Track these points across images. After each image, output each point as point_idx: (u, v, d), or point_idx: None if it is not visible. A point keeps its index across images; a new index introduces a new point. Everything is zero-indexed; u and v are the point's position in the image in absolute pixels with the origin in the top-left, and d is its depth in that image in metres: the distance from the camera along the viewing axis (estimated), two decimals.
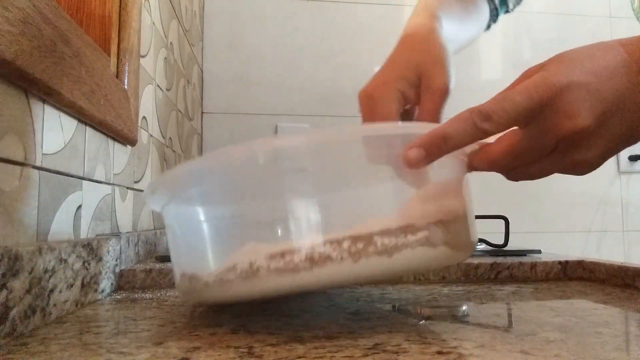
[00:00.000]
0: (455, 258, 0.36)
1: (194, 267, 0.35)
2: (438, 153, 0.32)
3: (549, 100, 0.32)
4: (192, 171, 0.34)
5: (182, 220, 0.37)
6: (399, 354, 0.28)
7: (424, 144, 0.32)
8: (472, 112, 0.33)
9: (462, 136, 0.32)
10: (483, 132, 0.32)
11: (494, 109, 0.32)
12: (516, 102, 0.32)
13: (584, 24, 1.61)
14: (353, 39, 1.49)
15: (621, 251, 1.56)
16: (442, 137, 0.32)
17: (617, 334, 0.34)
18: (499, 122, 0.32)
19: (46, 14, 0.41)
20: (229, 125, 1.41)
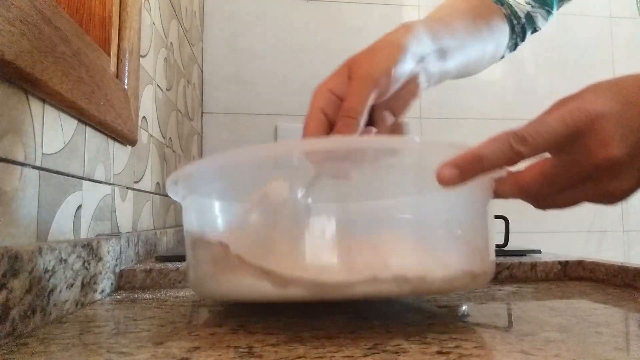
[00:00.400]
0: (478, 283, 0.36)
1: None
2: (473, 173, 0.32)
3: (584, 128, 0.32)
4: (213, 167, 0.35)
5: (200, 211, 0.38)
6: (399, 354, 0.28)
7: (459, 163, 0.32)
8: (507, 134, 0.32)
9: (498, 157, 0.32)
10: (518, 155, 0.32)
11: (529, 132, 0.32)
12: (552, 127, 0.32)
13: (584, 24, 1.61)
14: (353, 39, 1.49)
15: (621, 251, 1.56)
16: (478, 157, 0.32)
17: (617, 334, 0.34)
18: (534, 146, 0.32)
19: (46, 14, 0.41)
20: (229, 125, 1.41)
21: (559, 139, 0.32)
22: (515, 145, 0.32)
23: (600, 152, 0.32)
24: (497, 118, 1.52)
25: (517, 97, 1.55)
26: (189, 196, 0.39)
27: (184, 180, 0.38)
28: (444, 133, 1.48)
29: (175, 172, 0.37)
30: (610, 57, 1.62)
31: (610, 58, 1.61)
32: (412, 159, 0.35)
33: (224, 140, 1.40)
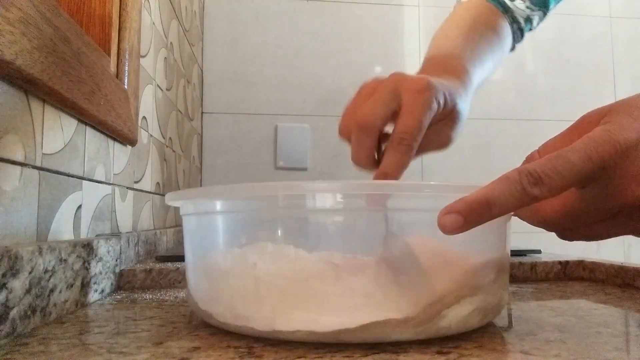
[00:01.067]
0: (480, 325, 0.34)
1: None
2: (479, 220, 0.28)
3: (612, 162, 0.28)
4: (219, 196, 0.34)
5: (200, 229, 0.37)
6: (399, 354, 0.28)
7: (463, 210, 0.28)
8: (520, 173, 0.28)
9: (508, 202, 0.28)
10: (532, 198, 0.28)
11: (546, 170, 0.28)
12: (572, 164, 0.28)
13: (584, 24, 1.61)
14: (353, 39, 1.49)
15: (621, 251, 1.56)
16: (485, 203, 0.28)
17: (617, 334, 0.34)
18: (551, 187, 0.27)
19: (46, 14, 0.41)
20: (229, 125, 1.41)
21: (581, 177, 0.28)
22: (528, 188, 0.28)
23: (632, 188, 0.29)
24: (497, 118, 1.52)
25: (517, 97, 1.55)
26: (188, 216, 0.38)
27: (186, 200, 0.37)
28: None
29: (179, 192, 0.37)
30: (610, 57, 1.61)
31: (610, 58, 1.61)
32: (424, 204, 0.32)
33: (223, 140, 1.40)
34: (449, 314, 0.30)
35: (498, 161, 1.50)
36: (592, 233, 0.32)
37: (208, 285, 0.35)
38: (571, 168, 0.28)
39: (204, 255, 0.36)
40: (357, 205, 0.32)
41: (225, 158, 1.40)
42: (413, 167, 0.41)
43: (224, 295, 0.33)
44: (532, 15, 0.62)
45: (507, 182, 0.28)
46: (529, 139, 1.51)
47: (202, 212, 0.36)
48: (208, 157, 1.40)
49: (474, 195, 0.28)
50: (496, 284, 0.34)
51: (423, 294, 0.30)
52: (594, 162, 0.28)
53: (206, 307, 0.34)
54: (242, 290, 0.32)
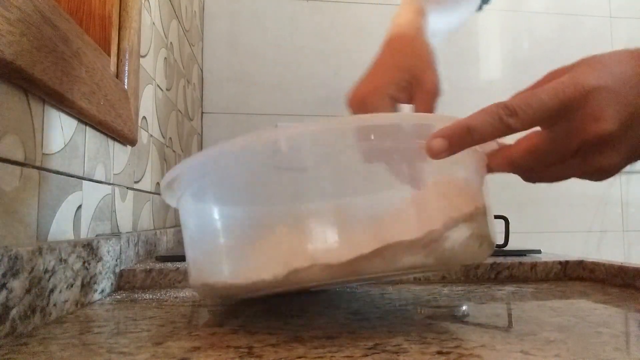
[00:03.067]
0: (481, 255, 0.36)
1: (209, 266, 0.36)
2: (462, 145, 0.32)
3: (576, 102, 0.32)
4: (206, 161, 0.35)
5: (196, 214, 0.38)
6: (399, 354, 0.28)
7: (448, 134, 0.31)
8: (498, 106, 0.32)
9: (487, 129, 0.32)
10: (508, 127, 0.32)
11: (520, 105, 0.32)
12: (543, 101, 0.32)
13: (584, 24, 1.61)
14: (353, 39, 1.49)
15: (621, 251, 1.56)
16: (466, 129, 0.32)
17: (617, 334, 0.34)
18: (524, 119, 0.32)
19: (46, 14, 0.41)
20: (229, 125, 1.41)
21: (550, 113, 0.32)
22: (505, 118, 0.31)
23: (592, 126, 0.32)
24: None
25: None
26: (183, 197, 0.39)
27: (177, 181, 0.38)
28: None
29: (167, 174, 0.37)
30: None
31: None
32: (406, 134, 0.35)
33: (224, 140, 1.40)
34: (451, 236, 0.32)
35: None
36: (553, 174, 0.36)
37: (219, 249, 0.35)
38: (542, 104, 0.32)
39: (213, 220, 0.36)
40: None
41: None
42: None
43: (232, 253, 0.34)
44: None
45: (486, 113, 0.32)
46: None
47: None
48: None
49: (457, 123, 0.32)
50: (484, 216, 0.37)
51: (426, 218, 0.33)
52: (560, 100, 0.32)
53: (214, 276, 0.34)
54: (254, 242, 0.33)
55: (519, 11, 1.58)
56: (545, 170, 0.35)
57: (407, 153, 0.34)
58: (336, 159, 0.34)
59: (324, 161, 0.34)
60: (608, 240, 1.57)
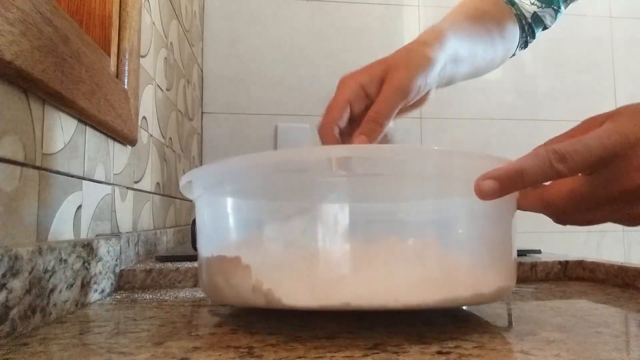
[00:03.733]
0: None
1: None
2: (512, 187, 0.32)
3: (622, 151, 0.32)
4: (228, 170, 0.35)
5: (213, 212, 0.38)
6: (399, 354, 0.28)
7: (499, 176, 0.31)
8: (548, 150, 0.32)
9: (538, 173, 0.32)
10: (557, 173, 0.32)
11: (569, 151, 0.32)
12: (590, 147, 0.32)
13: (584, 24, 1.61)
14: (353, 39, 1.49)
15: (621, 251, 1.56)
16: (519, 172, 0.32)
17: (617, 334, 0.34)
18: (572, 165, 0.32)
19: (46, 14, 0.41)
20: (229, 125, 1.41)
21: (596, 160, 0.32)
22: (555, 163, 0.32)
23: (634, 177, 0.32)
24: (497, 118, 1.52)
25: (517, 97, 1.55)
26: (204, 195, 0.38)
27: (201, 179, 0.38)
28: (444, 133, 1.48)
29: (192, 171, 0.37)
30: (610, 57, 1.62)
31: (610, 58, 1.61)
32: (432, 168, 0.35)
33: (224, 140, 1.40)
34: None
35: None
36: (589, 218, 0.36)
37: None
38: (590, 151, 0.32)
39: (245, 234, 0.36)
40: None
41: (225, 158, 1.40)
42: None
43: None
44: (542, 13, 0.62)
45: (537, 157, 0.32)
46: (529, 139, 1.51)
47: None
48: (208, 157, 1.40)
49: (510, 165, 0.32)
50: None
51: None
52: (607, 148, 0.32)
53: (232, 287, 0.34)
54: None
55: None
56: (580, 215, 0.35)
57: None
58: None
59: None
60: (608, 240, 1.57)
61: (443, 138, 1.48)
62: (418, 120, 1.46)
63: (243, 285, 0.33)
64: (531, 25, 0.63)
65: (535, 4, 0.62)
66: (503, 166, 0.32)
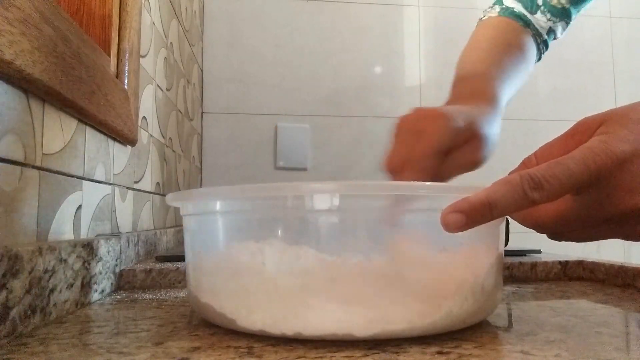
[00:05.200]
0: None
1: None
2: (480, 220, 0.29)
3: (608, 172, 0.30)
4: (218, 196, 0.35)
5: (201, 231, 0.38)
6: (399, 354, 0.28)
7: (466, 209, 0.29)
8: (522, 177, 0.29)
9: (509, 204, 0.29)
10: (531, 202, 0.29)
11: (546, 176, 0.29)
12: (571, 171, 0.29)
13: (584, 24, 1.61)
14: (353, 39, 1.48)
15: (621, 251, 1.56)
16: (487, 205, 0.29)
17: (617, 334, 0.34)
18: (550, 192, 0.29)
19: (46, 14, 0.41)
20: (229, 125, 1.41)
21: (579, 184, 0.30)
22: (529, 192, 0.29)
23: (626, 199, 0.30)
24: None
25: (517, 97, 1.55)
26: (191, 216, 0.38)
27: (189, 201, 0.38)
28: None
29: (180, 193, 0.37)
30: (610, 57, 1.61)
31: (610, 58, 1.61)
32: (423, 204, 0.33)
33: (224, 140, 1.40)
34: (451, 313, 0.31)
35: (498, 161, 1.49)
36: (583, 236, 0.34)
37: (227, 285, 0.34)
38: (570, 175, 0.29)
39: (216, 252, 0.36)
40: (359, 206, 0.32)
41: (225, 158, 1.40)
42: None
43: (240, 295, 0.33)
44: (555, 27, 0.63)
45: (508, 185, 0.29)
46: (529, 139, 1.51)
47: (208, 212, 0.36)
48: (208, 157, 1.40)
49: (477, 196, 0.29)
50: (495, 285, 0.35)
51: (428, 294, 0.31)
52: (591, 171, 0.29)
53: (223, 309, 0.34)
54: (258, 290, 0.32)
55: None
56: (571, 234, 0.34)
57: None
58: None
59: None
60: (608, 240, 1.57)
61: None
62: None
63: (207, 305, 0.34)
64: (546, 41, 0.64)
65: (551, 20, 0.62)
66: (472, 197, 0.29)
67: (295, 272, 0.31)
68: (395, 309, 0.30)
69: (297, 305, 0.30)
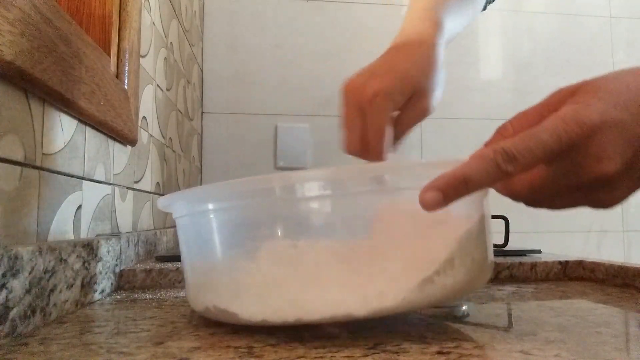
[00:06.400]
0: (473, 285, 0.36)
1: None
2: (456, 196, 0.30)
3: (579, 141, 0.30)
4: (210, 193, 0.35)
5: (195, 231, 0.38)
6: (399, 354, 0.28)
7: (442, 186, 0.29)
8: (495, 151, 0.30)
9: (484, 178, 0.30)
10: (506, 174, 0.30)
11: (519, 149, 0.30)
12: (544, 142, 0.30)
13: (584, 24, 1.61)
14: (353, 39, 1.49)
15: (621, 251, 1.56)
16: (462, 180, 0.30)
17: (617, 334, 0.34)
18: (524, 164, 0.30)
19: (46, 14, 0.41)
20: (229, 125, 1.41)
21: (550, 154, 0.30)
22: (503, 165, 0.30)
23: (594, 167, 0.31)
24: (497, 118, 1.52)
25: (517, 97, 1.55)
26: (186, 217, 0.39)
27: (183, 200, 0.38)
28: (444, 133, 1.48)
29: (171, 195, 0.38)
30: (610, 57, 1.61)
31: (610, 58, 1.61)
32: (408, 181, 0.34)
33: (223, 140, 1.40)
34: (441, 282, 0.32)
35: None
36: (556, 204, 0.35)
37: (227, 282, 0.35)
38: (543, 146, 0.30)
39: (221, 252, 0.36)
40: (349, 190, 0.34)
41: (225, 158, 1.40)
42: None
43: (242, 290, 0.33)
44: None
45: (482, 160, 0.30)
46: None
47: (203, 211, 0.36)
48: (208, 157, 1.40)
49: (451, 173, 0.30)
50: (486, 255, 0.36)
51: (420, 267, 0.32)
52: (562, 141, 0.30)
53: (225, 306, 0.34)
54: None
55: (519, 11, 1.58)
56: (547, 201, 0.35)
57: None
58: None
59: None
60: (608, 240, 1.57)
61: (443, 138, 1.48)
62: None
63: (207, 303, 0.35)
64: None
65: None
66: (446, 174, 0.30)
67: (288, 261, 0.32)
68: (389, 284, 0.31)
69: (295, 292, 0.31)
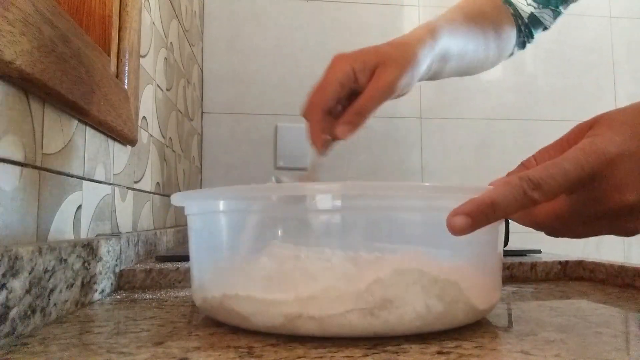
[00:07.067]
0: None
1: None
2: (485, 221, 0.31)
3: (599, 172, 0.32)
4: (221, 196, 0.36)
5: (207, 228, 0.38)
6: (399, 354, 0.29)
7: (470, 211, 0.30)
8: (521, 178, 0.31)
9: (511, 204, 0.31)
10: (532, 201, 0.31)
11: (543, 177, 0.31)
12: (566, 171, 0.31)
13: (584, 24, 1.61)
14: (353, 39, 1.49)
15: (621, 251, 1.56)
16: (490, 205, 0.31)
17: (617, 334, 0.34)
18: (548, 191, 0.31)
19: (46, 14, 0.41)
20: (229, 125, 1.41)
21: (574, 183, 0.32)
22: (529, 192, 0.31)
23: (615, 197, 0.32)
24: (497, 118, 1.52)
25: (517, 97, 1.55)
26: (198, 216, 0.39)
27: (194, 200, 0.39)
28: (444, 133, 1.48)
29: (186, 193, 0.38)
30: (610, 57, 1.61)
31: (610, 58, 1.61)
32: (421, 203, 0.34)
33: (224, 140, 1.40)
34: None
35: (498, 161, 1.49)
36: (578, 233, 0.36)
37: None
38: (566, 175, 0.31)
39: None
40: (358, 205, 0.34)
41: (225, 158, 1.40)
42: (413, 166, 0.42)
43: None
44: (540, 14, 0.62)
45: (509, 187, 0.31)
46: (529, 139, 1.51)
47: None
48: (208, 157, 1.40)
49: (480, 198, 0.31)
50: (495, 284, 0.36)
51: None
52: (585, 170, 0.31)
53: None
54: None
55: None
56: (567, 231, 0.36)
57: None
58: None
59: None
60: (608, 240, 1.57)
61: (443, 138, 1.48)
62: (418, 120, 1.46)
63: (211, 299, 0.35)
64: (528, 25, 0.63)
65: (532, 5, 0.62)
66: (474, 199, 0.31)
67: (302, 268, 0.32)
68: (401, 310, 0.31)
69: (309, 301, 0.31)
